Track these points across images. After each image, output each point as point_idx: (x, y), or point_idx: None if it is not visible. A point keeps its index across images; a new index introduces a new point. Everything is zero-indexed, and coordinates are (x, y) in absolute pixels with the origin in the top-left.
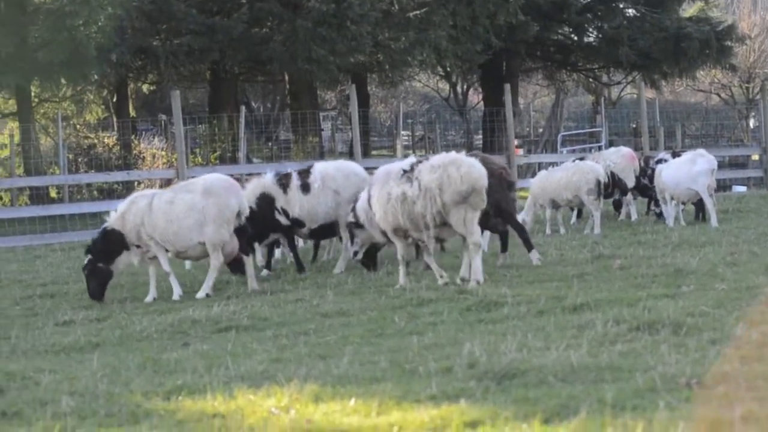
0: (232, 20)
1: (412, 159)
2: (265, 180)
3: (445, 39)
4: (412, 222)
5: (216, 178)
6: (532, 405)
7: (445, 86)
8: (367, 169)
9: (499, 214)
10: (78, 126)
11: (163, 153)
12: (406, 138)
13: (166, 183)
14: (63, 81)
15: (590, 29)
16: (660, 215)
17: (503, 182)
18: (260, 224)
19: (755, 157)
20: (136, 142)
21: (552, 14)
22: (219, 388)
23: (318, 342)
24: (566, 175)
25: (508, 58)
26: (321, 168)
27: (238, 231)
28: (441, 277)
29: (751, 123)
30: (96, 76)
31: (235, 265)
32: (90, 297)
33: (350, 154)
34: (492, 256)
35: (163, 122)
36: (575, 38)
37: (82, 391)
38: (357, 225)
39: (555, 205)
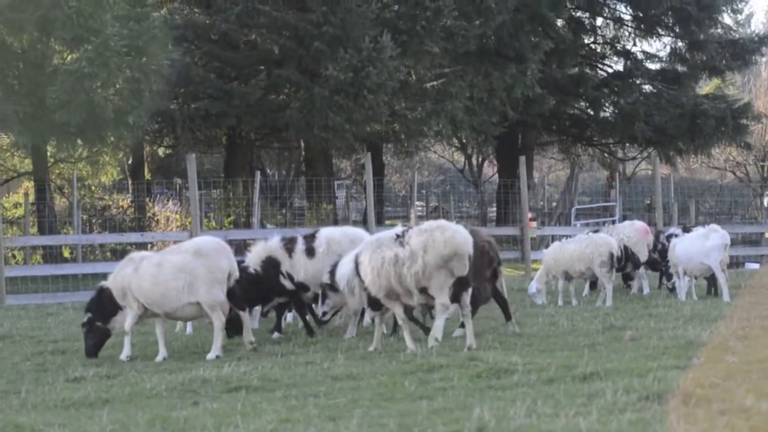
0: (250, 86)
1: (399, 228)
2: (271, 244)
3: (461, 110)
4: (402, 285)
5: (206, 240)
6: None
7: (460, 158)
8: None
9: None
10: (93, 187)
11: (177, 216)
12: (421, 208)
13: None
14: (79, 142)
15: (606, 104)
16: (672, 289)
17: (484, 256)
18: (265, 288)
19: None
20: (150, 204)
21: (569, 88)
22: None
23: (327, 404)
24: (579, 247)
25: (524, 130)
26: (326, 233)
27: (229, 292)
28: (411, 351)
29: (766, 201)
30: (112, 139)
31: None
32: (86, 354)
33: (364, 223)
34: (503, 325)
35: (177, 186)
36: (591, 113)
37: None
38: (332, 288)
39: (568, 277)
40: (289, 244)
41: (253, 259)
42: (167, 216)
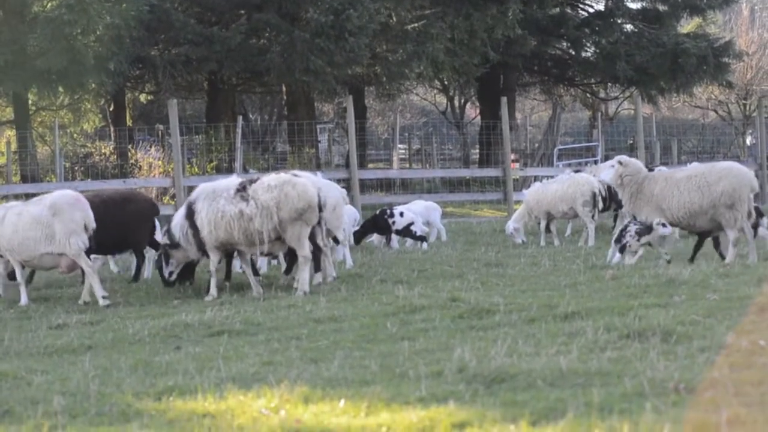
0: (231, 31)
1: (235, 178)
2: None
3: (442, 52)
4: (246, 238)
5: (61, 194)
6: (520, 407)
7: (442, 100)
8: (362, 180)
9: None
10: (75, 135)
11: (160, 162)
12: (403, 151)
13: (162, 192)
14: (60, 89)
15: (588, 44)
16: None
17: None
18: None
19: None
20: (132, 151)
21: (550, 29)
22: (210, 389)
23: (309, 346)
24: (562, 188)
25: (506, 72)
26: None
27: None
28: (258, 293)
29: (748, 140)
30: (93, 85)
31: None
32: None
33: (347, 166)
34: (485, 266)
35: (160, 132)
36: (573, 53)
37: (73, 390)
38: (172, 245)
39: (550, 217)
40: None
41: None
42: (150, 162)
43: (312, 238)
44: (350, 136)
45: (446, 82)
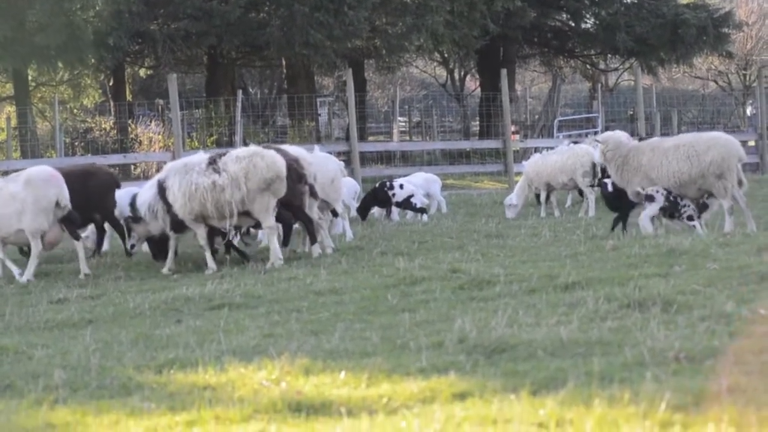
0: (230, 5)
1: (202, 154)
2: None
3: (442, 24)
4: (218, 210)
5: (37, 170)
6: (521, 377)
7: (442, 72)
8: (362, 153)
9: (288, 207)
10: (75, 110)
11: (160, 137)
12: (403, 124)
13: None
14: (60, 65)
15: (588, 15)
16: None
17: (293, 174)
18: None
19: (751, 142)
20: (132, 126)
21: (549, 1)
22: (210, 362)
23: (310, 319)
24: (561, 159)
25: (505, 44)
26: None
27: (66, 219)
28: (212, 269)
29: (748, 110)
30: (93, 60)
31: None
32: None
33: (347, 139)
34: (486, 238)
35: (160, 107)
36: (572, 24)
37: (74, 364)
38: (134, 219)
39: (550, 189)
40: None
41: None
42: (150, 137)
43: (303, 209)
44: (350, 110)
45: (446, 55)
